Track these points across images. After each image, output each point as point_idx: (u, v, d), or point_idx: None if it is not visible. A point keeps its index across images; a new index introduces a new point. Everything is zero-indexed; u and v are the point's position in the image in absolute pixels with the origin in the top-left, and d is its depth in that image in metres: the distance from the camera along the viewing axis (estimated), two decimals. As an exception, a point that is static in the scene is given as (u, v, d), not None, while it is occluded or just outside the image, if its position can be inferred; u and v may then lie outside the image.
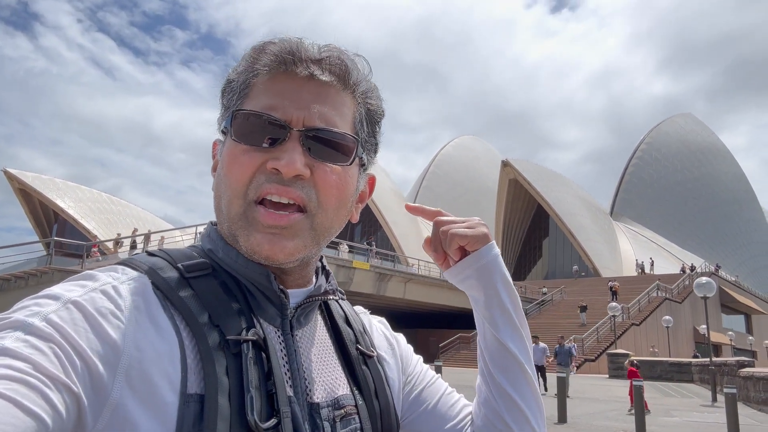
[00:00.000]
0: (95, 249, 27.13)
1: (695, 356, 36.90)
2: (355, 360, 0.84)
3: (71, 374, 0.55)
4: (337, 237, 0.89)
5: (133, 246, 27.27)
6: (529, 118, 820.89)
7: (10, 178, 58.21)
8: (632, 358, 30.59)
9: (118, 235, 27.13)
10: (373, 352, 0.88)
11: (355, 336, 0.88)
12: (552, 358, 21.13)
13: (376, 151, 0.87)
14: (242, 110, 0.75)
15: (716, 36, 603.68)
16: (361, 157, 0.81)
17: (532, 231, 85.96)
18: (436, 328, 45.97)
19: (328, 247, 0.90)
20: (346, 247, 33.33)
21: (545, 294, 50.78)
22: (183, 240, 31.43)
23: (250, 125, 0.74)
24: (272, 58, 0.76)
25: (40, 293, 0.63)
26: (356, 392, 0.81)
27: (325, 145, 0.75)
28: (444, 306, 42.61)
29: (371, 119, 0.83)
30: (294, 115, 0.74)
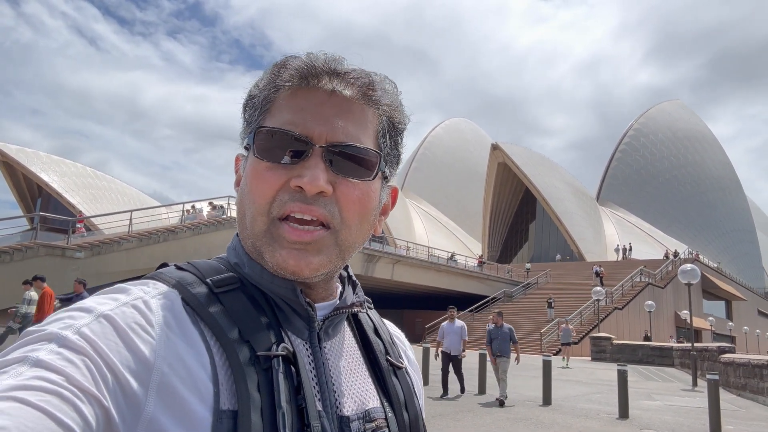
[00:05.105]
0: (80, 225, 26.84)
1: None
2: (386, 371, 0.83)
3: (102, 388, 0.56)
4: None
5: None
6: (517, 104, 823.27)
7: (-7, 150, 57.18)
8: (614, 341, 31.05)
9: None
10: (402, 363, 0.88)
11: (385, 347, 0.87)
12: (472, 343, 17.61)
13: (398, 163, 0.85)
14: (264, 127, 0.74)
15: (702, 28, 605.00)
16: (384, 171, 0.80)
17: (519, 215, 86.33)
18: (423, 309, 46.23)
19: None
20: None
21: (529, 269, 51.22)
22: (169, 217, 31.24)
23: (272, 142, 0.73)
24: (294, 73, 0.75)
25: (74, 306, 0.64)
26: (386, 404, 0.80)
27: (347, 160, 0.74)
28: (431, 288, 42.88)
29: (394, 131, 0.82)
30: (316, 131, 0.73)
